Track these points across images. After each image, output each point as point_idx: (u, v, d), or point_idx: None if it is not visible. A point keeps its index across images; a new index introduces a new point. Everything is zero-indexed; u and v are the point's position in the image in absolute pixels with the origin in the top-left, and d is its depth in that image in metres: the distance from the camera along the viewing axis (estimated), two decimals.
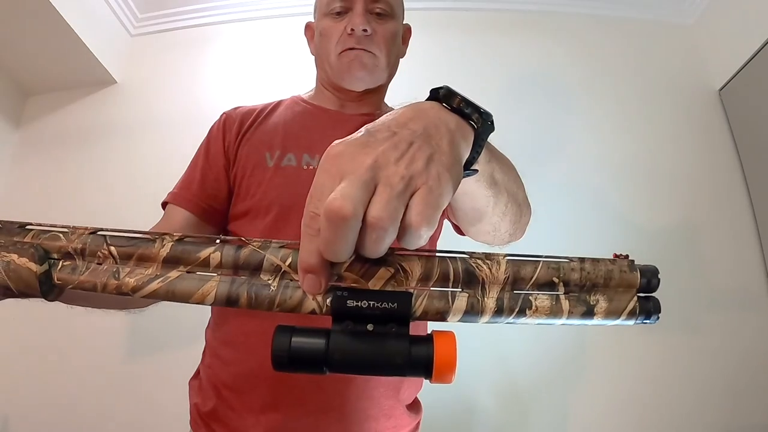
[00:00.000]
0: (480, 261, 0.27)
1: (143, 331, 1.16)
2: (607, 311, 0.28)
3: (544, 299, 0.27)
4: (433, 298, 0.26)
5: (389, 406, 0.56)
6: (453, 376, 0.26)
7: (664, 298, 1.00)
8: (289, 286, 0.27)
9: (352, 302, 0.26)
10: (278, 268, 0.27)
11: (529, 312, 0.27)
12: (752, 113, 1.23)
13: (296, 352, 0.26)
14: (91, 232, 0.30)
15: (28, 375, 1.15)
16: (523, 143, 1.29)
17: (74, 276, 0.30)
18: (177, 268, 0.28)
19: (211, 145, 0.65)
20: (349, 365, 0.26)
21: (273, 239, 0.27)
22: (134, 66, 1.44)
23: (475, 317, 0.26)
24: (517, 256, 0.27)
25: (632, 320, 0.28)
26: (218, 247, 0.27)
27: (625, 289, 0.28)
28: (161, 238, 0.28)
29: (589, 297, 0.27)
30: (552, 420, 1.09)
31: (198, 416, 0.56)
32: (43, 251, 0.31)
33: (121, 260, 0.29)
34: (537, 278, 0.27)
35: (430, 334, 0.27)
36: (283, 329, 0.27)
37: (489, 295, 0.26)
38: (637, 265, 0.29)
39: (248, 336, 0.55)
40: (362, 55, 0.63)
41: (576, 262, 0.28)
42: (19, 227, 0.32)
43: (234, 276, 0.27)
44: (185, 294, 0.27)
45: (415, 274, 0.26)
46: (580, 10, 1.44)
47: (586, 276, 0.27)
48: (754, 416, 1.06)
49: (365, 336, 0.26)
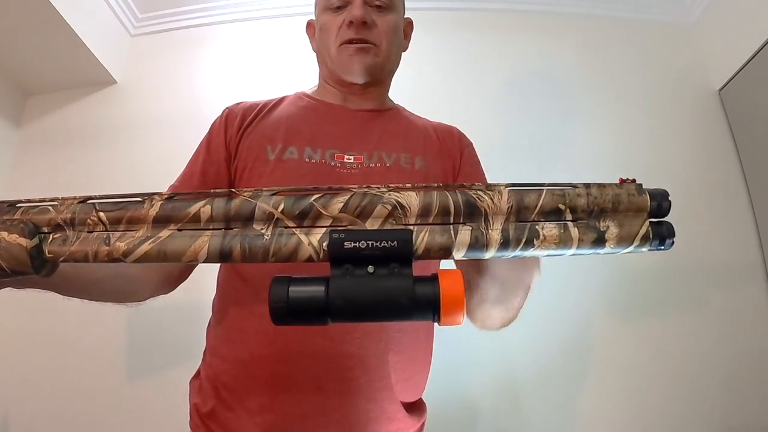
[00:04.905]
0: (480, 192, 0.25)
1: (144, 330, 1.16)
2: (618, 237, 0.26)
3: (551, 228, 0.26)
4: (434, 233, 0.25)
5: (392, 409, 0.54)
6: (462, 316, 0.25)
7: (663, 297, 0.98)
8: (283, 234, 0.25)
9: (349, 243, 0.24)
10: (271, 215, 0.26)
11: (537, 242, 0.26)
12: (752, 113, 1.22)
13: (295, 302, 0.25)
14: (80, 201, 0.30)
15: (28, 373, 1.15)
16: (524, 142, 1.28)
17: (65, 247, 0.29)
18: (168, 227, 0.27)
19: (213, 138, 0.65)
20: (351, 311, 0.25)
21: (264, 188, 0.26)
22: (134, 66, 1.43)
23: (480, 251, 0.25)
24: (519, 185, 0.26)
25: (646, 246, 0.27)
26: (208, 201, 0.26)
27: (635, 214, 0.27)
28: (150, 198, 0.27)
29: (599, 223, 0.26)
30: (552, 416, 1.08)
31: (197, 417, 0.55)
32: (33, 226, 0.30)
33: (111, 225, 0.28)
34: (542, 206, 0.26)
35: (434, 274, 0.25)
36: (279, 279, 0.25)
37: (493, 226, 0.25)
38: (645, 188, 0.27)
39: (246, 333, 0.54)
40: (363, 47, 0.63)
41: (581, 188, 0.26)
42: (8, 206, 0.32)
43: (226, 230, 0.26)
44: (177, 253, 0.26)
45: (414, 209, 0.25)
46: (580, 10, 1.43)
47: (594, 201, 0.26)
48: (750, 413, 1.06)
49: (366, 279, 0.24)
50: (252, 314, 0.54)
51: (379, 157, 0.61)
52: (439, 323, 0.25)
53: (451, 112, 1.16)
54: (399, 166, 0.61)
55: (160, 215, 0.27)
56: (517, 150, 1.27)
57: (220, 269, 0.63)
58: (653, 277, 1.14)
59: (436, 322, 0.25)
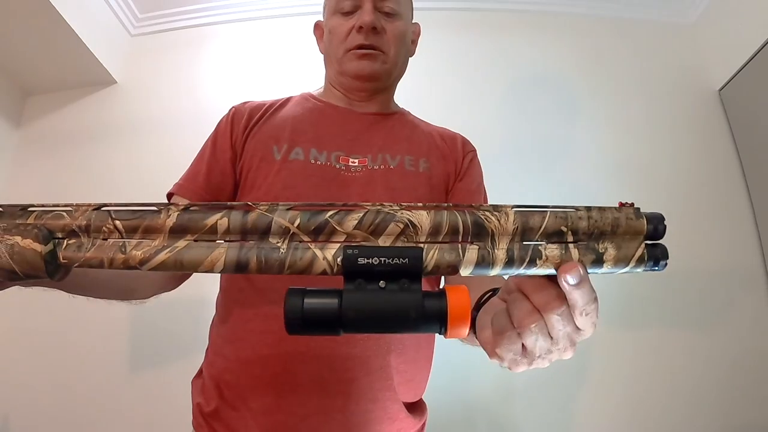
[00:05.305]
0: (488, 213, 0.27)
1: (146, 330, 1.16)
2: (616, 258, 0.28)
3: (553, 249, 0.27)
4: (443, 251, 0.26)
5: (394, 409, 0.54)
6: (467, 329, 0.26)
7: (662, 299, 1.00)
8: (298, 248, 0.26)
9: (363, 260, 0.26)
10: (287, 230, 0.27)
11: (540, 262, 0.27)
12: (752, 113, 1.22)
13: (309, 314, 0.26)
14: (95, 208, 0.30)
15: (29, 374, 1.14)
16: (524, 142, 1.29)
17: (80, 253, 0.30)
18: (184, 238, 0.28)
19: (219, 138, 0.65)
20: (363, 323, 0.26)
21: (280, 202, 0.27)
22: (134, 66, 1.43)
23: (486, 269, 0.26)
24: (524, 207, 0.27)
25: (641, 267, 0.28)
26: (225, 213, 0.27)
27: (633, 237, 0.28)
28: (167, 208, 0.28)
29: (598, 245, 0.28)
30: (552, 418, 1.09)
31: (201, 416, 0.56)
32: (47, 231, 0.30)
33: (127, 234, 0.29)
34: (545, 228, 0.27)
35: (442, 289, 0.27)
36: (294, 291, 0.26)
37: (499, 246, 0.27)
38: (642, 212, 0.29)
39: (251, 333, 0.54)
40: (371, 53, 0.64)
41: (583, 211, 0.28)
42: (21, 210, 0.32)
43: (242, 242, 0.27)
44: (194, 263, 0.27)
45: (425, 228, 0.26)
46: (580, 10, 1.45)
47: (594, 224, 0.28)
48: (749, 417, 1.07)
49: (378, 293, 0.26)
50: (257, 315, 0.54)
51: (384, 159, 0.62)
52: (445, 336, 0.27)
53: (451, 112, 1.17)
54: (403, 168, 0.62)
55: (176, 225, 0.28)
56: (516, 150, 1.28)
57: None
58: (653, 278, 1.15)
59: (443, 335, 0.27)
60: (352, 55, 0.64)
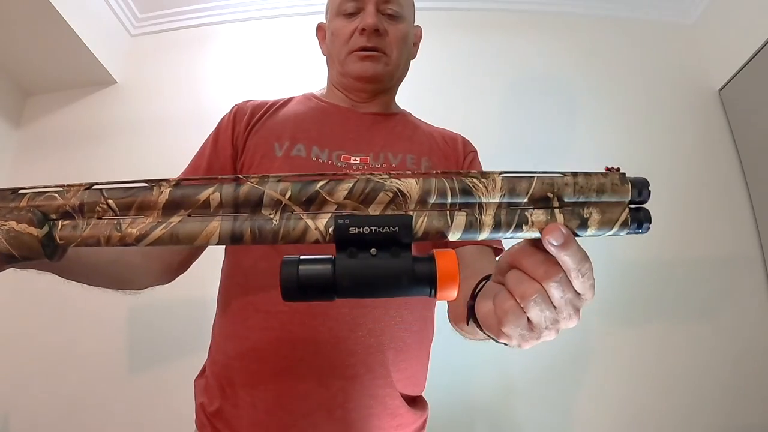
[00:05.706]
0: (476, 179, 0.27)
1: (147, 330, 1.16)
2: (600, 222, 0.29)
3: (539, 214, 0.28)
4: (432, 218, 0.27)
5: (395, 404, 0.55)
6: (455, 291, 0.27)
7: (663, 298, 1.00)
8: (291, 218, 0.27)
9: (354, 229, 0.26)
10: (278, 201, 0.27)
11: (526, 227, 0.28)
12: (752, 113, 1.22)
13: (304, 280, 0.26)
14: (86, 187, 0.30)
15: (30, 374, 1.14)
16: (524, 142, 1.29)
17: (76, 233, 0.30)
18: (178, 213, 0.28)
19: (220, 134, 0.65)
20: (356, 289, 0.27)
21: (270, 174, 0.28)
22: (134, 66, 1.42)
23: (474, 233, 0.27)
24: (512, 173, 0.28)
25: (624, 230, 0.29)
26: (217, 187, 0.28)
27: (617, 201, 0.29)
28: (158, 184, 0.28)
29: (583, 210, 0.28)
30: (552, 417, 1.10)
31: (204, 416, 0.56)
32: (41, 214, 0.31)
33: (121, 211, 0.29)
34: (532, 193, 0.28)
35: (431, 253, 0.27)
36: (289, 260, 0.27)
37: (486, 212, 0.27)
38: (628, 177, 0.30)
39: (250, 329, 0.55)
40: (373, 55, 0.64)
41: (569, 176, 0.28)
42: (12, 193, 0.32)
43: (236, 214, 0.28)
44: (190, 236, 0.28)
45: (413, 196, 0.27)
46: (580, 10, 1.44)
47: (580, 189, 0.28)
48: (751, 414, 1.08)
49: (370, 260, 0.26)
50: (257, 311, 0.55)
51: (386, 158, 0.63)
52: (436, 298, 0.28)
53: (451, 112, 1.17)
54: (405, 167, 0.63)
55: (169, 201, 0.28)
56: (516, 150, 1.28)
57: (224, 263, 0.63)
58: (652, 277, 1.16)
59: (434, 297, 0.28)
60: (355, 56, 0.64)
